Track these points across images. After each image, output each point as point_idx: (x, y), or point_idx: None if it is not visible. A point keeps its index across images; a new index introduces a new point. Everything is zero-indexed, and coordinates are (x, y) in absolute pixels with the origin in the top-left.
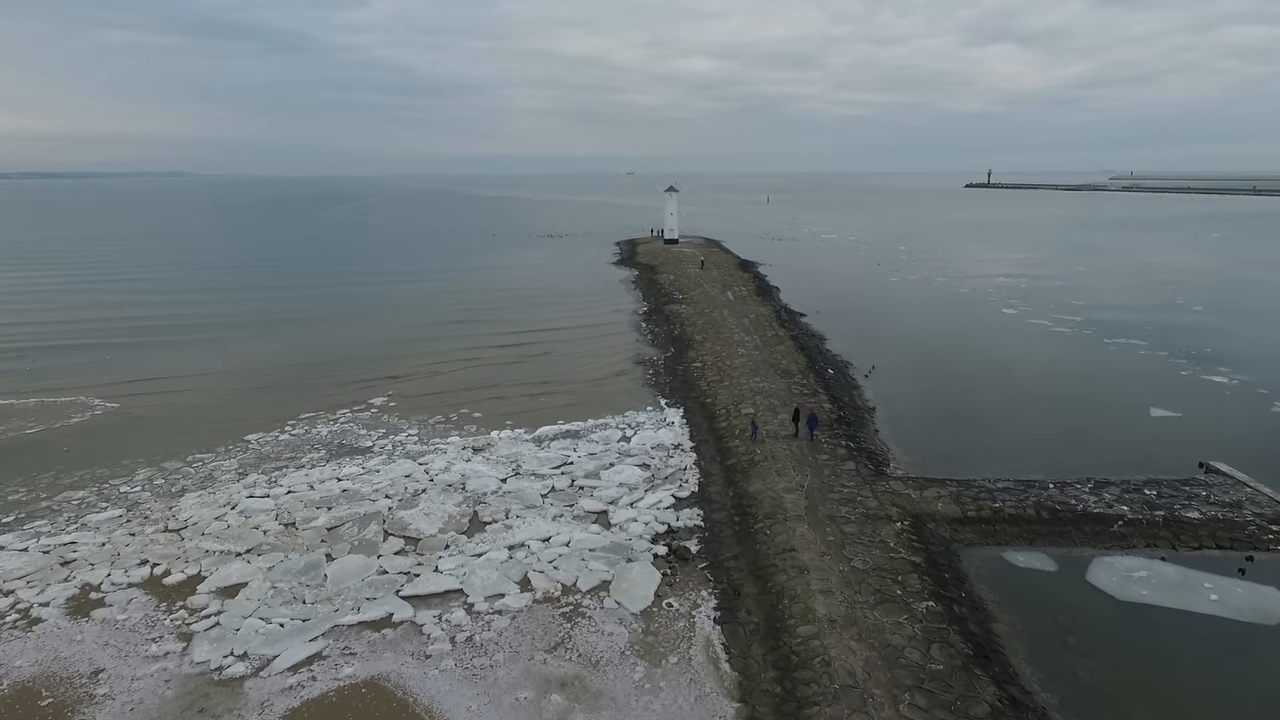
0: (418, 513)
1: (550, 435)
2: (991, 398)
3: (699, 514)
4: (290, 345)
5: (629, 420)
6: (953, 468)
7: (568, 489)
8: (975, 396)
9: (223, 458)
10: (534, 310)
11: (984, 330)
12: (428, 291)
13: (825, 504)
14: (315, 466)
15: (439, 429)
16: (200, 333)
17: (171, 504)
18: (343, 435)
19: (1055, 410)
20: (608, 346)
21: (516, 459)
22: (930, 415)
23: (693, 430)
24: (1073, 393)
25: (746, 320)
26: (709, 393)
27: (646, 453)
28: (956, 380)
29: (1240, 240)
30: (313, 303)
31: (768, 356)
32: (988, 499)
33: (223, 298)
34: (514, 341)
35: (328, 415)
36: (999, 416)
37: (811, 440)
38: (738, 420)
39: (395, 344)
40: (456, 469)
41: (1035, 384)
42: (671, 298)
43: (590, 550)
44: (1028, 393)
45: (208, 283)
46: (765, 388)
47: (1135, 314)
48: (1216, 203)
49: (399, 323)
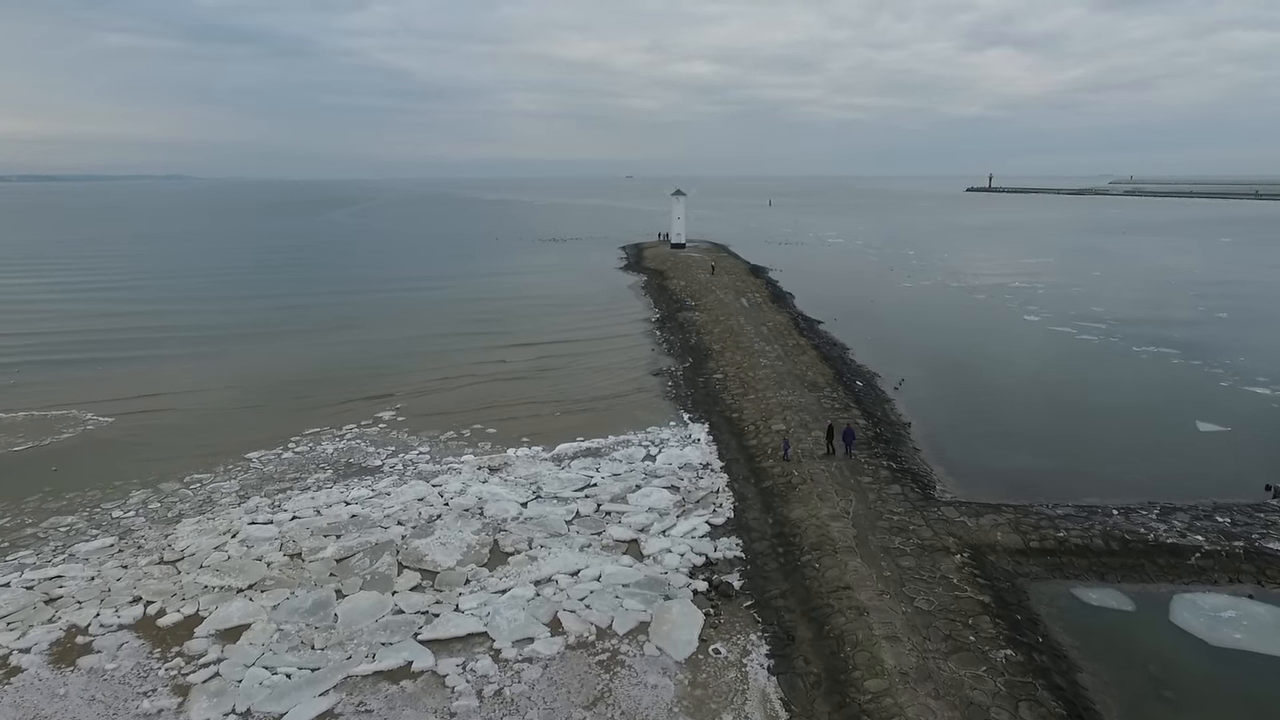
0: (434, 542)
1: (570, 453)
2: (1029, 411)
3: (738, 544)
4: (292, 356)
5: (652, 437)
6: (1003, 490)
7: (593, 514)
8: (1012, 410)
9: (222, 478)
10: (543, 318)
11: (1009, 338)
12: (432, 299)
13: (875, 533)
14: (322, 488)
15: (452, 446)
16: (197, 343)
17: (167, 531)
18: (350, 453)
19: (1097, 425)
20: (623, 356)
21: (536, 480)
22: (969, 431)
23: (721, 448)
24: (1112, 405)
25: (765, 328)
26: (734, 407)
27: (674, 473)
28: (990, 393)
29: (1251, 245)
30: (314, 311)
31: (792, 368)
32: (1050, 528)
33: (221, 306)
34: (525, 352)
35: (333, 431)
36: (1040, 432)
37: (849, 457)
38: (769, 438)
39: (402, 355)
40: (473, 491)
41: (1071, 396)
42: (684, 304)
43: (624, 586)
44: (1065, 406)
45: (205, 290)
46: (794, 401)
47: (1160, 321)
48: (1219, 207)
49: (405, 332)
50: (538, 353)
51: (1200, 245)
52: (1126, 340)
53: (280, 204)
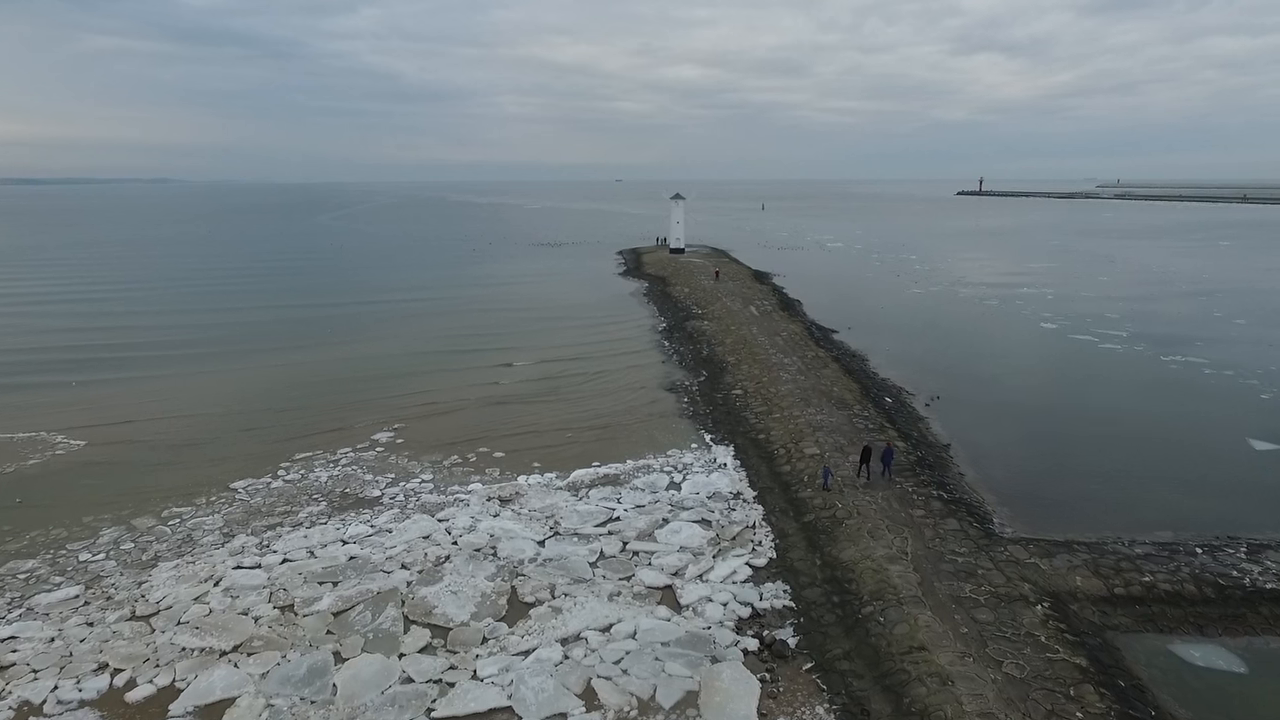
0: (443, 590)
1: (587, 481)
2: (1069, 430)
3: (785, 590)
4: (280, 373)
5: (674, 461)
6: (1064, 523)
7: (619, 554)
8: (1052, 429)
9: (204, 512)
10: (546, 328)
11: (1031, 349)
12: (427, 309)
13: (941, 578)
14: (315, 524)
15: (457, 473)
16: (178, 360)
17: (141, 578)
18: (346, 481)
19: (1144, 444)
20: (632, 369)
21: (553, 513)
22: (1012, 454)
23: (751, 475)
24: (1155, 422)
25: (779, 339)
26: (759, 427)
27: (703, 504)
28: (1023, 408)
29: (1252, 249)
30: (303, 323)
31: (815, 383)
32: (1132, 570)
33: (204, 318)
34: (529, 366)
35: (327, 456)
36: (1086, 453)
37: (887, 480)
38: (802, 463)
39: (398, 370)
40: (484, 527)
41: (1110, 412)
42: (690, 313)
43: (663, 645)
44: (1106, 423)
45: (187, 300)
46: (824, 421)
47: (1180, 329)
48: (1210, 211)
49: (399, 346)
50: (543, 367)
51: (1201, 249)
52: (1151, 349)
53: (268, 207)
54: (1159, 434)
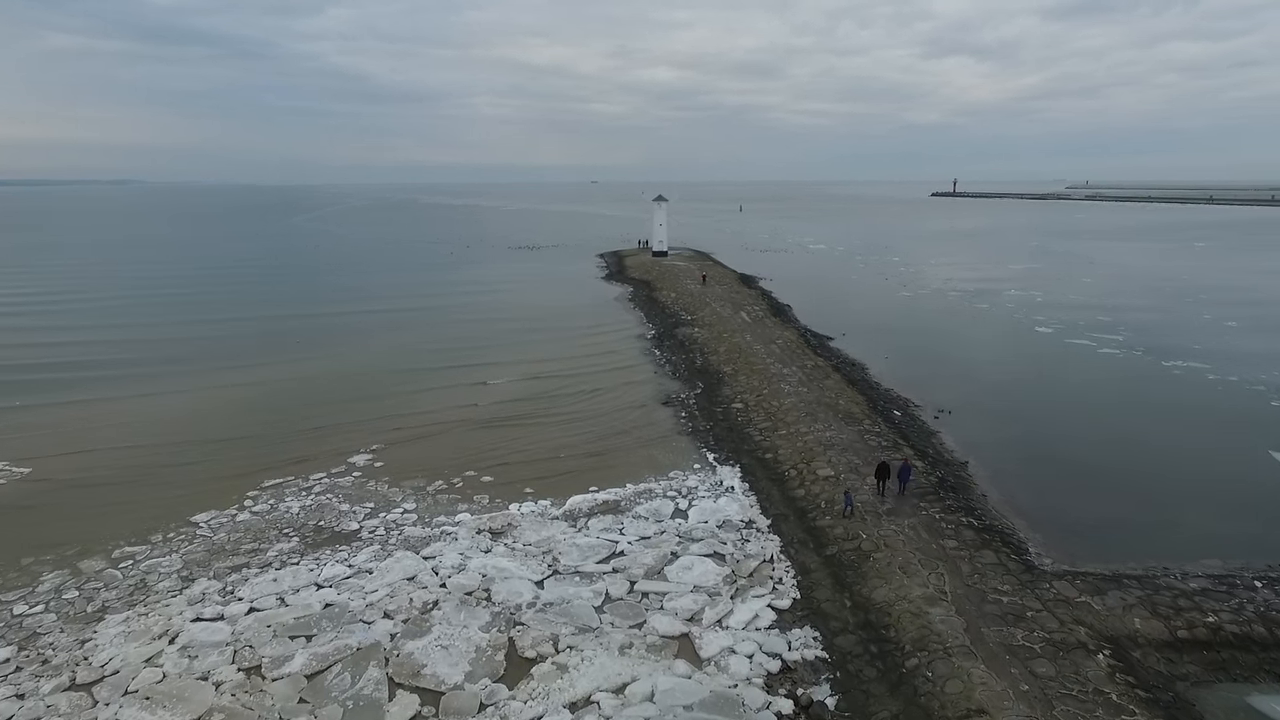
0: (431, 644)
1: (585, 509)
2: (1086, 443)
3: (816, 638)
4: (246, 390)
5: (677, 484)
6: (1105, 551)
7: (627, 597)
8: (1068, 443)
9: (161, 550)
10: (530, 338)
11: (1031, 355)
12: (405, 319)
13: (988, 622)
14: (286, 564)
15: (442, 501)
16: (133, 378)
17: (85, 635)
18: (320, 512)
19: (1168, 458)
20: (624, 381)
21: (550, 548)
22: (1033, 472)
23: (762, 500)
24: (1170, 433)
25: (775, 347)
26: (766, 445)
27: (713, 534)
28: (1038, 422)
29: (1228, 249)
30: (269, 335)
31: (819, 395)
32: (1192, 609)
33: (160, 330)
34: (515, 380)
35: (298, 482)
36: (1106, 469)
37: (903, 496)
38: (817, 486)
39: (374, 386)
40: (475, 566)
41: (1122, 423)
42: (679, 319)
43: (686, 709)
44: (1120, 435)
45: (142, 309)
46: (835, 439)
47: (1176, 333)
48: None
49: (376, 359)
50: (530, 380)
51: (1178, 250)
52: (1151, 354)
53: (235, 209)
54: (1178, 448)
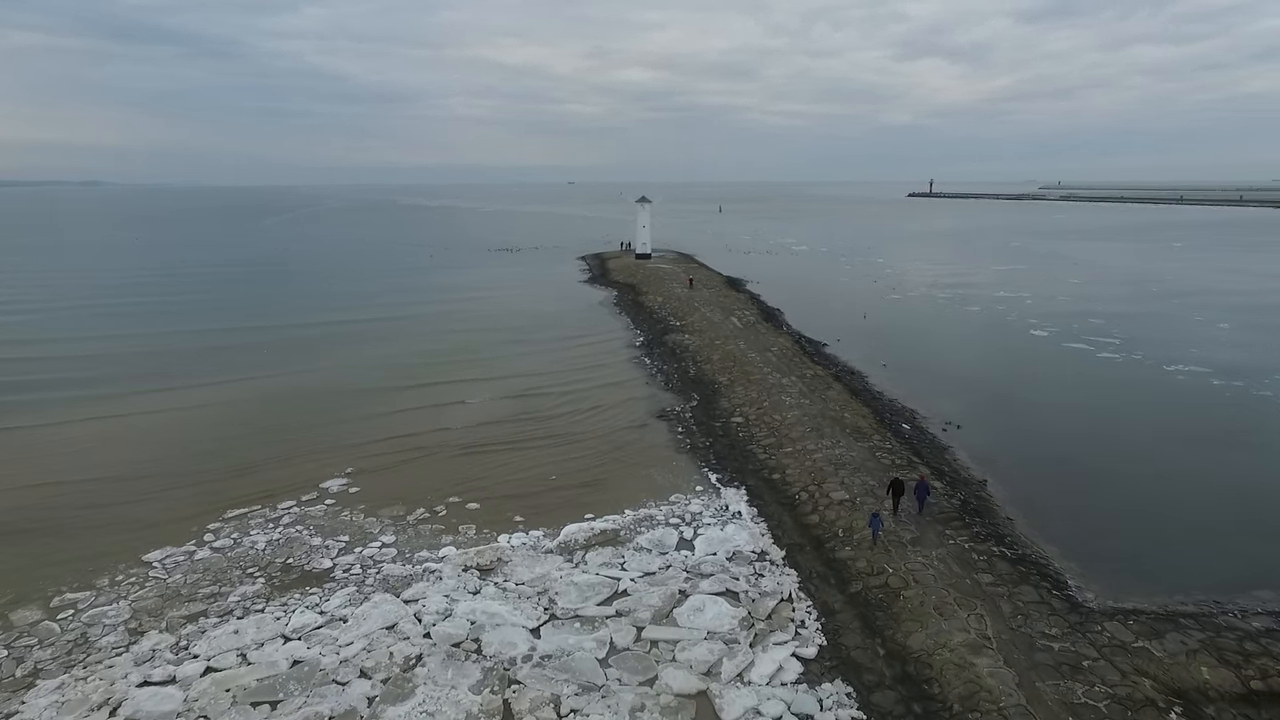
0: (416, 711)
1: (582, 540)
2: (1104, 457)
3: (849, 695)
4: (206, 408)
5: (679, 510)
6: (1148, 583)
7: (633, 646)
8: (1084, 457)
9: (107, 597)
10: (513, 347)
11: (1030, 360)
12: (380, 330)
13: (1041, 674)
14: (250, 612)
15: (424, 533)
16: (79, 400)
17: (10, 707)
18: (289, 548)
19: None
20: (615, 393)
21: (545, 587)
22: (1055, 491)
23: (773, 528)
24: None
25: (770, 355)
26: (772, 464)
27: (723, 568)
28: (1050, 435)
29: (1204, 248)
30: (234, 347)
31: (823, 407)
32: (1262, 654)
33: (112, 344)
34: (500, 394)
35: (265, 511)
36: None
37: (919, 513)
38: (831, 512)
39: (347, 402)
40: (462, 611)
41: (1136, 433)
42: (668, 325)
43: None
44: (1135, 445)
45: (96, 319)
46: (845, 457)
47: (1171, 335)
48: (1151, 212)
49: (349, 372)
50: (516, 395)
51: (1156, 250)
52: (1150, 358)
53: (207, 211)
54: (1200, 461)
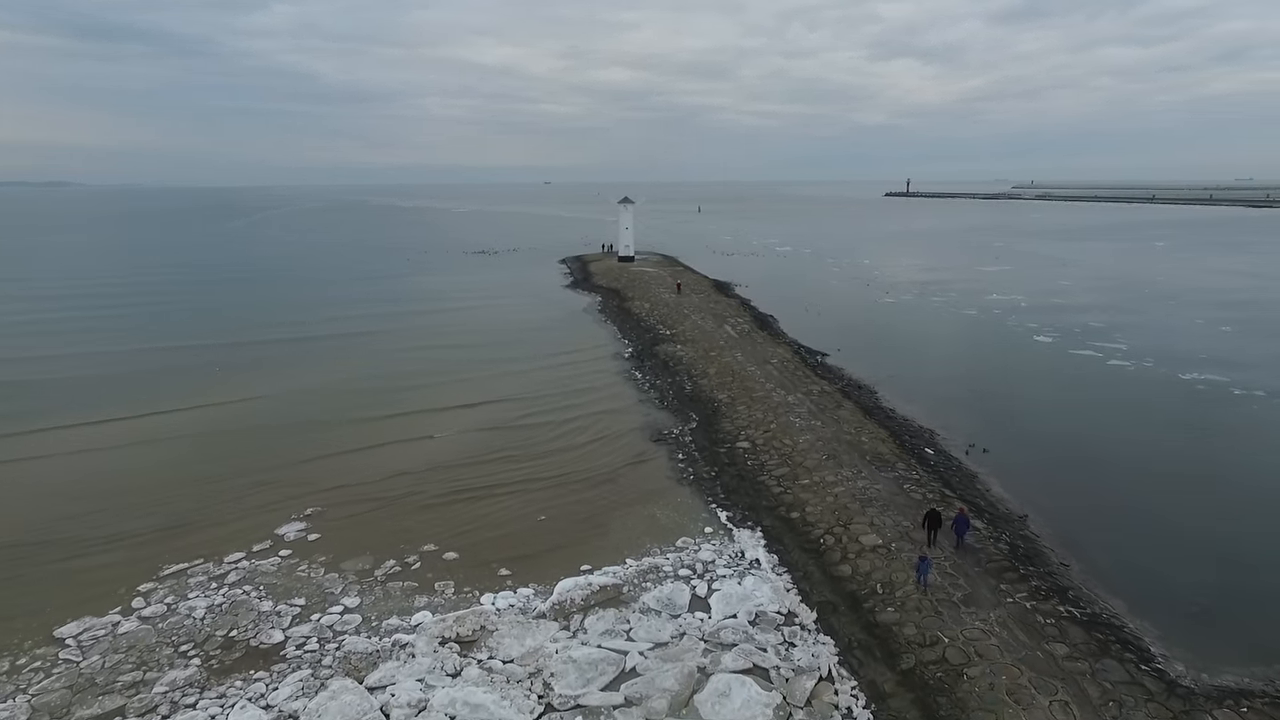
0: None
1: (579, 599)
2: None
3: None
4: (144, 439)
5: (688, 557)
6: (1239, 643)
7: None
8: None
9: (1, 692)
10: (493, 364)
11: (1043, 370)
12: (346, 345)
13: None
14: (179, 708)
15: (394, 593)
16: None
17: None
18: (233, 616)
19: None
20: (605, 414)
21: (538, 666)
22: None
23: (798, 580)
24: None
25: (771, 368)
26: (788, 500)
27: (747, 634)
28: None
29: (1188, 248)
30: (179, 365)
31: (836, 430)
32: None
33: (35, 362)
34: (479, 418)
35: (208, 567)
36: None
37: (958, 549)
38: (864, 561)
39: (309, 430)
40: (439, 702)
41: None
42: (658, 334)
43: None
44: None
45: (18, 332)
46: (870, 491)
47: (1176, 340)
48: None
49: (311, 394)
50: (496, 419)
51: (1140, 249)
52: (1164, 367)
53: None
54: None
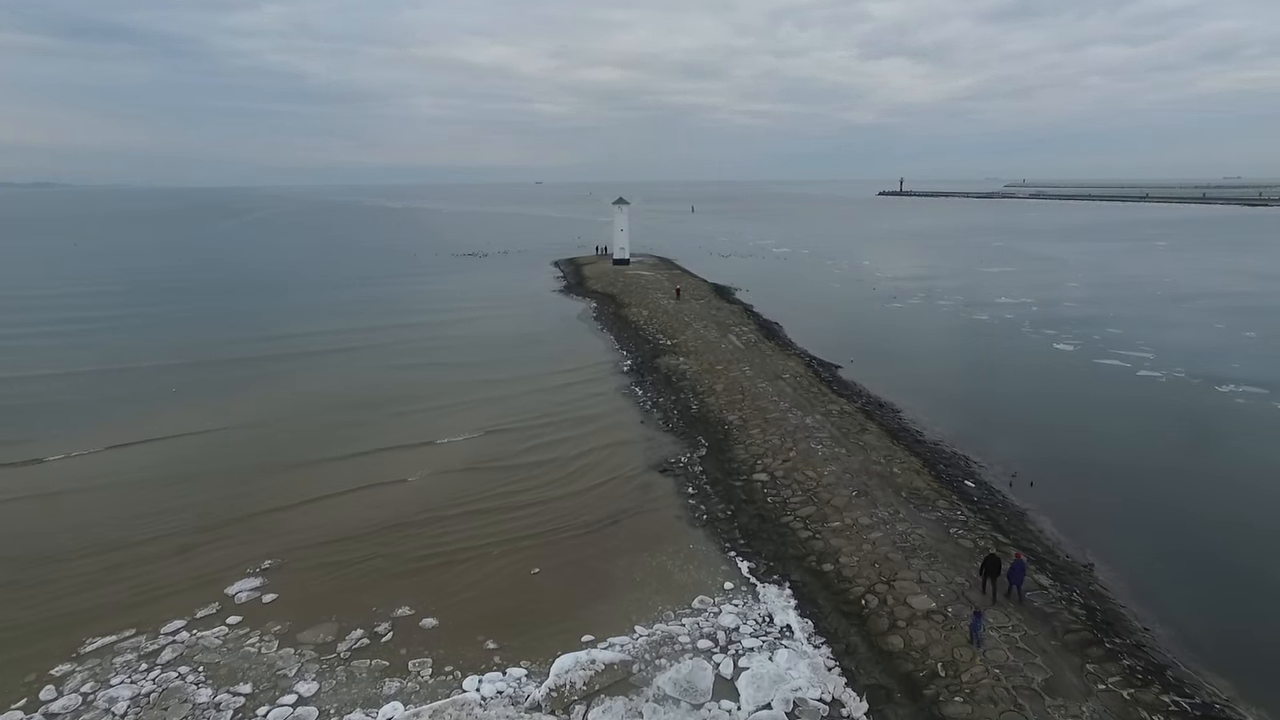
0: None
1: (580, 684)
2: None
3: None
4: (74, 479)
5: (706, 623)
6: None
7: None
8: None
9: None
10: (480, 389)
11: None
12: (318, 363)
13: None
14: None
15: (359, 674)
16: None
17: None
18: (162, 711)
19: None
20: (604, 442)
21: None
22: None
23: (838, 652)
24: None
25: (783, 384)
26: (819, 547)
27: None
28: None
29: (1190, 247)
30: (125, 387)
31: (864, 459)
32: None
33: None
34: (463, 452)
35: (138, 641)
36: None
37: (1020, 600)
38: (917, 630)
39: (267, 468)
40: None
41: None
42: (658, 345)
43: None
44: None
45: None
46: (913, 536)
47: (1202, 347)
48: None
49: (275, 422)
50: (482, 462)
51: (1142, 249)
52: (1196, 378)
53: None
54: None
